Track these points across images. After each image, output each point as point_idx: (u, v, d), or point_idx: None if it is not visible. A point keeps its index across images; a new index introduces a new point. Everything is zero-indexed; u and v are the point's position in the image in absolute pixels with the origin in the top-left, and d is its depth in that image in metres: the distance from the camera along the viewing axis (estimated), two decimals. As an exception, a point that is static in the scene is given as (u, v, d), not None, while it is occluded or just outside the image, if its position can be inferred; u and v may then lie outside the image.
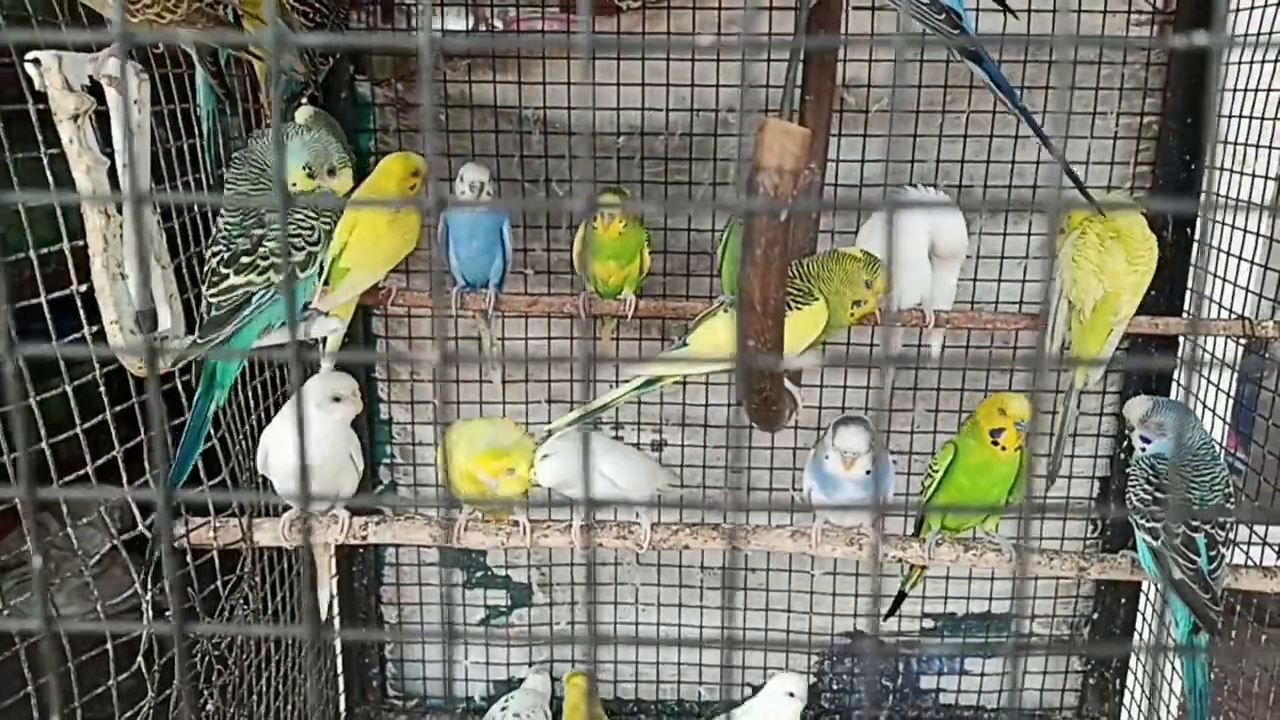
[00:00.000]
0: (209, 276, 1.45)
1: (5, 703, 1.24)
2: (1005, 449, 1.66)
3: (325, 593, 1.99)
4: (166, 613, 1.62)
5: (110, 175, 1.38)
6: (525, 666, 2.49)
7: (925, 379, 2.30)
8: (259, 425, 1.80)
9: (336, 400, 1.68)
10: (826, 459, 1.68)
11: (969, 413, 1.92)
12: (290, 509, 1.69)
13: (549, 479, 1.62)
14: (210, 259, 1.44)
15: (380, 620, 2.52)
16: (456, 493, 1.68)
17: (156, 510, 1.53)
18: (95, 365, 1.32)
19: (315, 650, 1.96)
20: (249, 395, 1.82)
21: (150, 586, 1.50)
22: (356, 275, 1.79)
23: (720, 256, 2.01)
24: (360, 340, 2.27)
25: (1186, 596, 1.55)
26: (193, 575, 1.59)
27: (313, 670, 2.03)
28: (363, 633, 2.50)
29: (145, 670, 1.45)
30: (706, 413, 2.37)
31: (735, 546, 1.72)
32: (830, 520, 1.75)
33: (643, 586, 2.50)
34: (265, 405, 1.89)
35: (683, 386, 2.31)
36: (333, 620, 2.27)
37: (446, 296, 1.92)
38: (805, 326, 1.60)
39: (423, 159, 1.91)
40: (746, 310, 1.25)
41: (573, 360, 2.44)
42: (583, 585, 2.49)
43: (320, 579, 2.00)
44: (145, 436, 1.45)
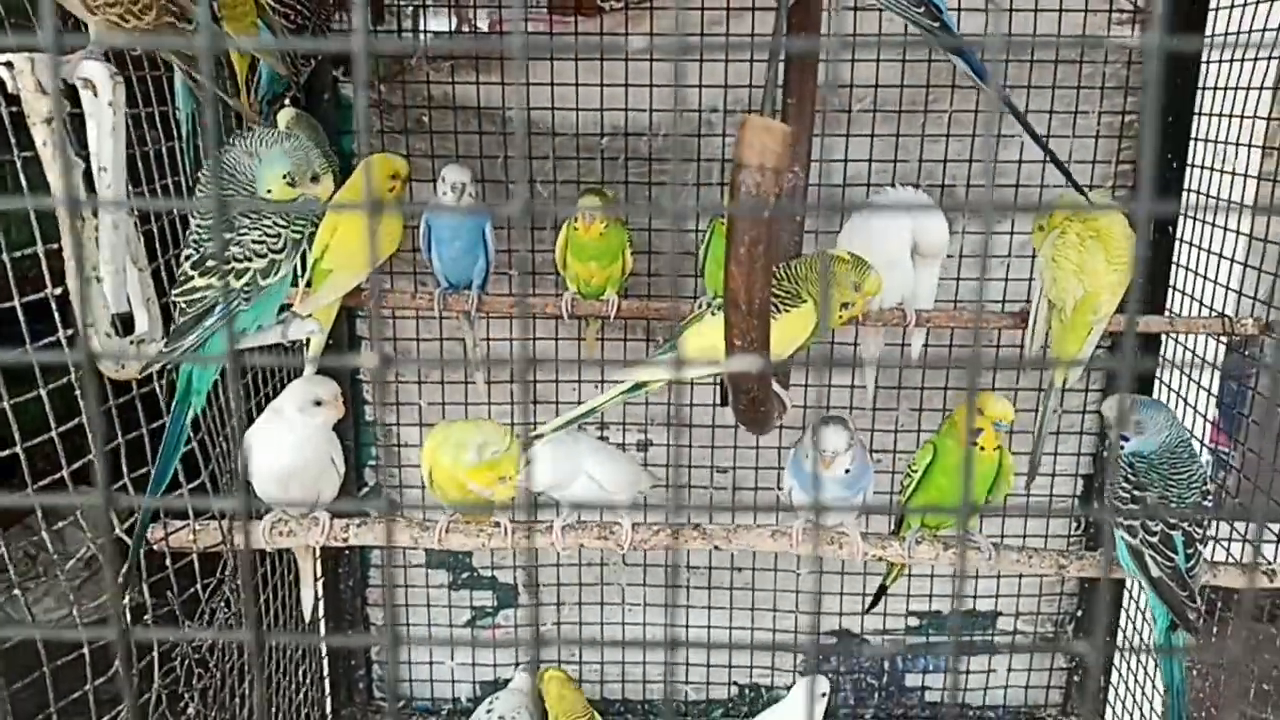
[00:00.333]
0: (178, 278, 1.44)
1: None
2: (984, 449, 1.67)
3: (309, 595, 1.99)
4: (146, 617, 1.63)
5: (86, 178, 1.37)
6: (511, 667, 2.49)
7: (909, 378, 2.30)
8: (239, 428, 1.79)
9: (318, 404, 1.68)
10: (806, 458, 1.68)
11: (952, 412, 1.92)
12: (271, 511, 1.69)
13: (537, 482, 1.62)
14: (183, 261, 1.44)
15: (366, 623, 2.52)
16: (439, 495, 1.68)
17: (137, 514, 1.53)
18: (70, 369, 1.31)
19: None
20: (230, 399, 1.82)
21: (129, 590, 1.50)
22: (339, 276, 1.79)
23: (703, 257, 2.01)
24: (345, 342, 2.27)
25: (1164, 594, 1.56)
26: (171, 579, 1.59)
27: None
28: (339, 638, 2.50)
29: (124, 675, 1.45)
30: (692, 413, 2.38)
31: (716, 546, 1.72)
32: (810, 519, 1.75)
33: (629, 587, 2.50)
34: (246, 408, 1.89)
35: (669, 388, 2.31)
36: (318, 623, 2.26)
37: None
38: (794, 329, 1.59)
39: (403, 160, 1.92)
40: (732, 309, 1.25)
41: (548, 362, 2.43)
42: (569, 586, 2.49)
43: (304, 581, 2.00)
44: (122, 440, 1.45)
